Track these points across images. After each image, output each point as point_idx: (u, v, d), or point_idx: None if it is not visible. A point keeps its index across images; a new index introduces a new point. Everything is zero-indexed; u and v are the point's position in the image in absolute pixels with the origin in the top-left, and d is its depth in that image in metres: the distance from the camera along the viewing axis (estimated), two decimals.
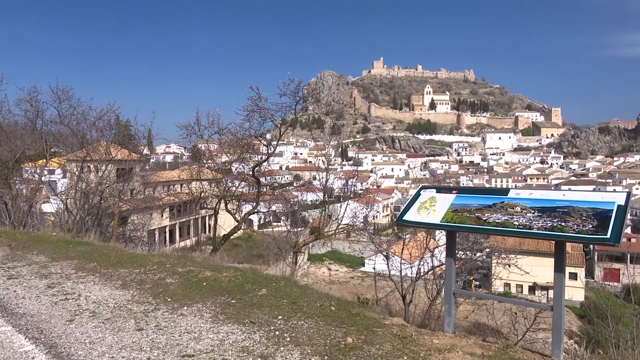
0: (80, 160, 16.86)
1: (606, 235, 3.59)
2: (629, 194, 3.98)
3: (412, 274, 11.03)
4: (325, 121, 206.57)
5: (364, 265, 40.02)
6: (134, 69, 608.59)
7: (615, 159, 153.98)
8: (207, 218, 52.10)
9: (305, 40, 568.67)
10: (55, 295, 5.82)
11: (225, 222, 20.19)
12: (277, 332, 4.45)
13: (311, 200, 40.87)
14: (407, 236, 13.29)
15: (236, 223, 17.76)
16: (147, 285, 6.23)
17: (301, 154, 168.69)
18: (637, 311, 7.33)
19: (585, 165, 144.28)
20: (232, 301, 5.48)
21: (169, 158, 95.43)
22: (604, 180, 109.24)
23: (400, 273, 10.67)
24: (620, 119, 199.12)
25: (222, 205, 18.62)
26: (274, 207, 22.38)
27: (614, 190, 5.22)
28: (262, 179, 20.07)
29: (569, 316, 29.68)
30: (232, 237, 20.77)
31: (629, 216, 68.35)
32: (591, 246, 45.07)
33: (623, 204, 3.82)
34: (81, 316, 5.04)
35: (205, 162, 20.88)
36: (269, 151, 17.99)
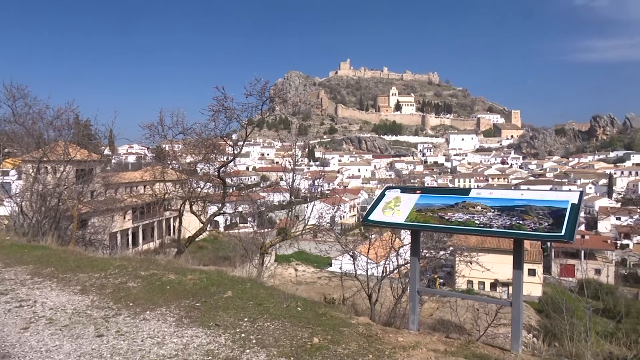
0: (36, 161, 16.17)
1: (561, 232, 3.74)
2: (581, 193, 4.17)
3: (378, 273, 11.14)
4: (292, 122, 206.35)
5: (331, 266, 40.18)
6: (93, 66, 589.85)
7: (571, 159, 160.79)
8: (171, 220, 51.03)
9: (272, 40, 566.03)
10: (8, 303, 5.56)
11: (190, 224, 19.85)
12: (242, 335, 4.41)
13: (278, 201, 40.69)
14: (374, 236, 13.42)
15: (201, 225, 17.49)
16: (108, 290, 6.05)
17: (268, 154, 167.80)
18: (590, 304, 7.67)
19: (542, 166, 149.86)
20: (197, 304, 5.40)
21: (131, 159, 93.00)
22: (560, 180, 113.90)
23: (367, 272, 10.76)
24: (575, 121, 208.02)
25: (187, 206, 18.29)
26: (240, 208, 22.15)
27: (569, 190, 5.45)
28: (228, 180, 19.84)
29: (528, 311, 30.74)
30: (197, 239, 20.42)
31: (582, 214, 71.36)
32: (548, 243, 46.87)
33: (576, 202, 4.00)
34: (37, 323, 4.84)
35: (169, 162, 20.46)
36: (235, 152, 17.81)
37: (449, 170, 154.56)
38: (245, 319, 4.84)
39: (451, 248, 15.13)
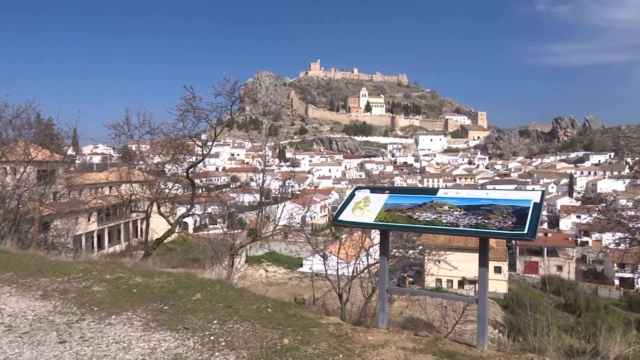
0: None
1: (524, 230, 3.86)
2: (543, 193, 4.31)
3: (348, 273, 11.22)
4: (263, 122, 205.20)
5: (302, 266, 40.14)
6: (57, 64, 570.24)
7: (534, 159, 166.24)
8: (138, 222, 49.89)
9: (242, 40, 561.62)
10: None
11: (158, 226, 19.44)
12: (212, 337, 4.36)
13: (248, 202, 40.35)
14: (344, 236, 13.50)
15: (170, 226, 17.17)
16: (71, 295, 5.86)
17: (238, 155, 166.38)
18: (552, 300, 7.95)
19: (507, 166, 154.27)
20: (165, 307, 5.29)
21: (96, 159, 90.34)
22: (524, 180, 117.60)
23: (337, 272, 10.81)
24: (538, 122, 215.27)
25: (155, 208, 17.92)
26: (210, 209, 21.85)
27: (533, 189, 5.66)
28: (198, 181, 19.54)
29: (494, 307, 31.49)
30: (165, 241, 20.02)
31: (545, 213, 73.73)
32: (513, 241, 48.24)
33: (538, 201, 4.13)
34: None
35: (136, 163, 19.99)
36: (204, 152, 17.56)
37: (418, 170, 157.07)
38: (215, 322, 4.78)
39: (420, 247, 15.39)
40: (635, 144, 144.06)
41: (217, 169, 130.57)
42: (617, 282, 52.83)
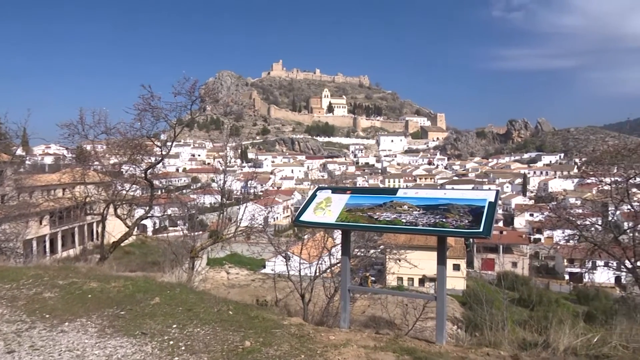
0: None
1: (479, 229, 3.99)
2: (497, 192, 4.47)
3: (311, 273, 11.24)
4: (224, 122, 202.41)
5: (265, 267, 39.86)
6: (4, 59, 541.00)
7: (490, 160, 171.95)
8: (94, 224, 48.12)
9: (204, 39, 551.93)
10: None
11: (115, 228, 18.80)
12: (171, 342, 4.26)
13: (210, 203, 39.72)
14: (307, 236, 13.53)
15: (127, 229, 16.66)
16: (21, 302, 5.58)
17: (199, 155, 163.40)
18: (507, 295, 8.25)
19: (465, 166, 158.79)
20: (122, 313, 5.14)
21: (48, 160, 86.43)
22: (481, 180, 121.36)
23: (300, 273, 10.82)
24: (493, 124, 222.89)
25: (111, 210, 17.34)
26: (169, 211, 21.35)
27: (489, 189, 5.87)
28: (157, 182, 19.06)
29: (453, 304, 32.34)
30: (123, 244, 19.41)
31: (500, 211, 76.19)
32: (471, 239, 49.68)
33: (493, 200, 4.28)
34: None
35: (91, 164, 19.27)
36: (163, 152, 17.15)
37: (380, 170, 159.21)
38: (174, 326, 4.68)
39: (382, 246, 15.61)
40: (582, 145, 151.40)
41: (177, 170, 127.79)
42: (567, 276, 55.33)
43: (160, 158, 17.19)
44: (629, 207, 10.00)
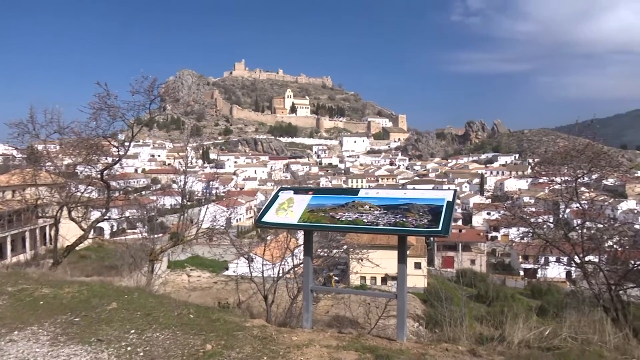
0: None
1: (438, 228, 4.09)
2: (455, 192, 4.60)
3: (274, 274, 11.19)
4: (185, 122, 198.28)
5: (227, 269, 39.35)
6: None
7: (449, 160, 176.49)
8: (47, 228, 46.09)
9: (163, 38, 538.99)
10: None
11: (70, 232, 18.08)
12: (129, 348, 4.14)
13: (170, 205, 38.80)
14: (270, 237, 13.46)
15: (82, 232, 16.05)
16: None
17: (159, 156, 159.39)
18: (466, 292, 8.50)
19: (426, 167, 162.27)
20: (76, 319, 4.94)
21: None
22: (441, 180, 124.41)
23: (262, 274, 10.74)
24: (452, 126, 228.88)
25: (65, 212, 16.66)
26: (127, 213, 20.71)
27: (448, 189, 6.03)
28: (114, 183, 18.45)
29: (414, 302, 32.96)
30: (78, 248, 18.69)
31: (460, 210, 78.22)
32: (432, 238, 50.85)
33: (451, 200, 4.40)
34: None
35: (43, 164, 18.44)
36: (121, 153, 16.62)
37: (343, 171, 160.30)
38: (132, 331, 4.55)
39: (345, 246, 15.74)
40: (536, 147, 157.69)
41: (136, 171, 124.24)
42: (522, 272, 57.47)
43: (117, 159, 16.65)
44: (578, 205, 10.50)
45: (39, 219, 38.39)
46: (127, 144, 16.83)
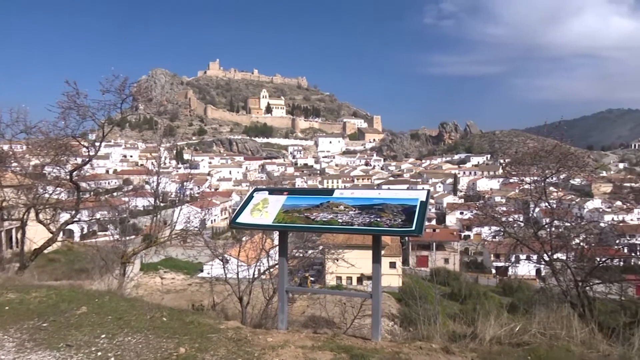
0: None
1: (412, 227, 4.14)
2: (428, 192, 4.66)
3: (250, 275, 11.11)
4: (158, 122, 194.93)
5: (202, 271, 38.87)
6: None
7: (424, 161, 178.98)
8: (13, 231, 44.56)
9: (136, 36, 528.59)
10: None
11: (38, 234, 17.53)
12: (99, 353, 4.05)
13: (143, 206, 38.08)
14: (245, 238, 13.35)
15: (51, 235, 15.58)
16: None
17: (131, 156, 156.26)
18: (440, 290, 8.63)
19: (401, 167, 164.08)
20: (44, 324, 4.80)
21: None
22: (415, 180, 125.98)
23: (238, 275, 10.66)
24: (426, 127, 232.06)
25: (33, 215, 16.15)
26: (98, 215, 20.22)
27: (423, 189, 6.13)
28: (84, 184, 17.99)
29: (389, 301, 33.25)
30: (47, 251, 18.12)
31: (434, 210, 79.39)
32: (406, 237, 51.40)
33: (424, 199, 4.46)
34: None
35: (8, 165, 17.82)
36: (91, 153, 16.21)
37: (318, 171, 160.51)
38: (103, 336, 4.45)
39: (321, 246, 15.75)
40: (506, 147, 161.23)
41: (107, 172, 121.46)
42: (493, 270, 58.74)
43: (87, 159, 16.23)
44: (547, 204, 10.78)
45: (5, 221, 37.09)
46: (97, 144, 16.43)
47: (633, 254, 11.90)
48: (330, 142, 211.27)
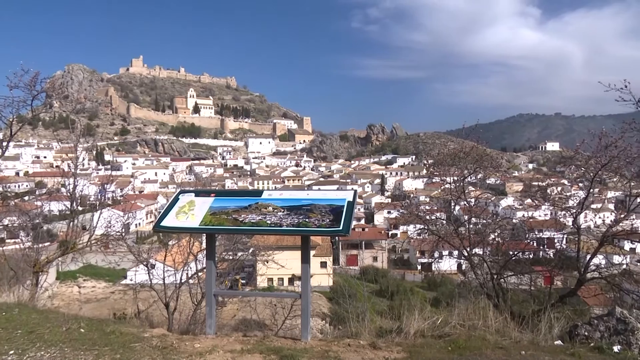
0: None
1: (339, 227, 4.23)
2: (355, 192, 4.78)
3: (177, 280, 10.73)
4: (76, 120, 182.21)
5: (126, 278, 36.94)
6: None
7: (353, 162, 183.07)
8: None
9: (50, 29, 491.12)
10: None
11: None
12: None
13: (59, 211, 35.42)
14: (172, 242, 12.86)
15: None
16: None
17: (45, 157, 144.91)
18: (369, 288, 8.87)
19: (330, 168, 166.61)
20: None
21: None
22: (345, 180, 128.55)
23: (164, 281, 10.25)
24: (355, 128, 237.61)
25: None
26: (6, 221, 18.54)
27: (352, 189, 6.30)
28: None
29: (321, 300, 33.61)
30: None
31: (363, 209, 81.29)
32: (336, 237, 52.22)
33: (351, 200, 4.57)
34: None
35: None
36: None
37: (249, 172, 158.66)
38: (12, 352, 4.09)
39: (252, 248, 15.57)
40: (430, 149, 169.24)
41: (17, 174, 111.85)
42: (419, 267, 61.36)
43: None
44: (465, 202, 11.46)
45: None
46: (4, 143, 15.06)
47: (541, 248, 12.94)
48: (261, 143, 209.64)
